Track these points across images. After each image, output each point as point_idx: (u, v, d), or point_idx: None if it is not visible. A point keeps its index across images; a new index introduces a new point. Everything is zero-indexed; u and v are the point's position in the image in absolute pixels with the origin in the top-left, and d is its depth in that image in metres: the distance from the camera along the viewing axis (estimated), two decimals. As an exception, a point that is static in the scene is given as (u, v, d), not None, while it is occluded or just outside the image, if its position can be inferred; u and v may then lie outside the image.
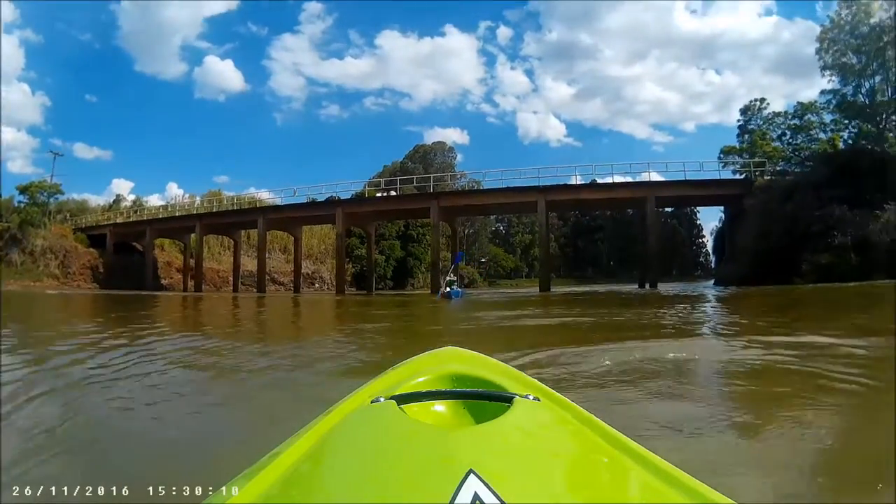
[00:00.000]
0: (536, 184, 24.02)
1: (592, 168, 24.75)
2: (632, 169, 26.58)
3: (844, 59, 23.97)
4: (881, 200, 18.03)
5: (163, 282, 32.28)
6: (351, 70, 75.84)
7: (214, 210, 30.64)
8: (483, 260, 49.94)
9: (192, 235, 30.53)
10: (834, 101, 24.73)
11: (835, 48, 24.03)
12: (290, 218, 28.51)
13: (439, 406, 0.67)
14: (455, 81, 79.07)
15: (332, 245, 30.79)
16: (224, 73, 72.15)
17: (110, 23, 68.17)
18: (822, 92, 25.42)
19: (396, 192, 28.13)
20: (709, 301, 11.57)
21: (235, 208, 30.22)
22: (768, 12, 72.69)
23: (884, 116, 23.59)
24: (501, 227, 58.16)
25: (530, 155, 77.04)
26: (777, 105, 42.87)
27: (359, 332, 6.25)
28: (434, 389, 0.69)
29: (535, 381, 0.78)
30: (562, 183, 24.38)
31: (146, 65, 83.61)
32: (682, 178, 23.48)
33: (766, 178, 22.78)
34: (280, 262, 32.97)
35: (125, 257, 31.92)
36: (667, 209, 48.90)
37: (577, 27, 74.84)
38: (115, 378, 2.84)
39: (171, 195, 44.04)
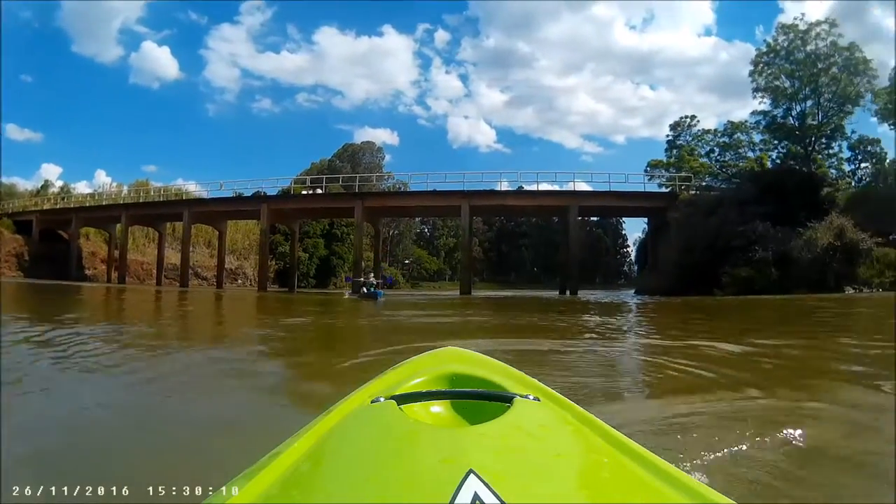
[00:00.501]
0: (461, 188, 23.73)
1: (518, 175, 24.08)
2: (558, 178, 25.93)
3: (777, 83, 24.14)
4: (805, 218, 18.05)
5: (87, 272, 30.93)
6: (286, 64, 72.89)
7: (141, 201, 29.71)
8: (407, 261, 48.98)
9: (118, 226, 29.41)
10: (764, 122, 24.65)
11: (768, 72, 24.17)
12: (215, 212, 27.66)
13: (439, 406, 0.66)
14: (389, 82, 78.83)
15: (256, 241, 29.62)
16: (160, 60, 71.29)
17: (52, 2, 63.67)
18: (753, 112, 25.45)
19: (322, 190, 27.37)
20: (621, 309, 11.52)
21: (162, 200, 29.37)
22: (708, 32, 73.78)
23: (812, 139, 23.55)
24: (426, 230, 57.03)
25: (459, 159, 76.28)
26: (709, 123, 42.78)
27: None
28: (434, 389, 0.69)
29: (535, 381, 0.77)
30: (487, 188, 23.97)
31: (84, 46, 76.01)
32: (607, 188, 23.04)
33: (690, 192, 22.47)
34: (204, 257, 31.71)
35: (51, 245, 30.57)
36: (593, 218, 48.89)
37: (515, 35, 73.74)
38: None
39: (99, 183, 42.36)
